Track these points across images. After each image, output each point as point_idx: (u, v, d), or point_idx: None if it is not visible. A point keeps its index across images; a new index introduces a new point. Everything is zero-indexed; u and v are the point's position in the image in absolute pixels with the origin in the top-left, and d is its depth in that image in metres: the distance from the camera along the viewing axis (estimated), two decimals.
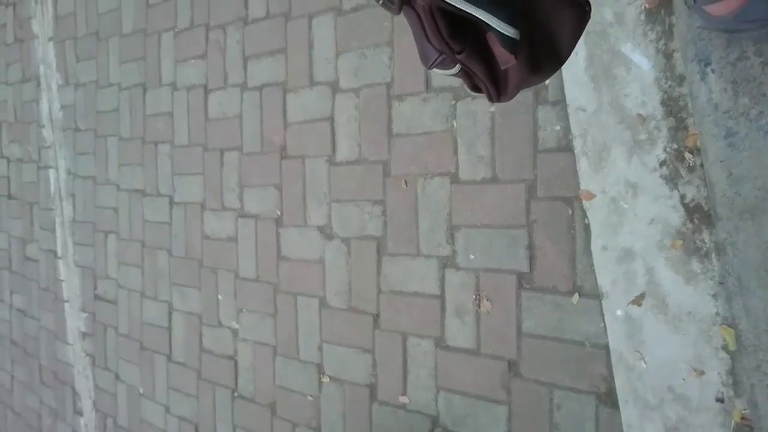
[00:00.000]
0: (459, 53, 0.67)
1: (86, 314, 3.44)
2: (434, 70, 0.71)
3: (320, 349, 2.15)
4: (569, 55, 0.77)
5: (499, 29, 0.65)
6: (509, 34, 0.66)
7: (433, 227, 1.81)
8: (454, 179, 1.76)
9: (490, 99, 0.74)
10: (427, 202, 1.82)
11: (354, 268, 2.03)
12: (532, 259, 1.60)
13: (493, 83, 0.72)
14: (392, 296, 1.92)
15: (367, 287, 1.98)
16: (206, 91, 2.59)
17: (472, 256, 1.72)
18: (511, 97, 0.76)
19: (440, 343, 1.80)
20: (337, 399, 2.10)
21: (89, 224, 3.36)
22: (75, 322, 3.54)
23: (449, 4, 0.65)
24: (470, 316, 1.73)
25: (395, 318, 1.92)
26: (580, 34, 0.76)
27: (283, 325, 2.29)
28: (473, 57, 0.69)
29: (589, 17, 0.76)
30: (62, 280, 3.63)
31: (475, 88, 0.75)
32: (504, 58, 0.68)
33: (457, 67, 0.70)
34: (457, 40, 0.67)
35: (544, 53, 0.73)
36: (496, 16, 0.65)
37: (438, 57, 0.68)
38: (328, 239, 2.10)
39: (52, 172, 3.67)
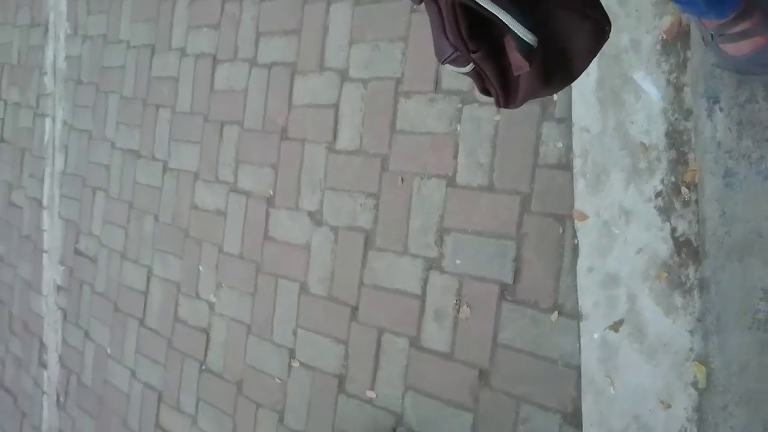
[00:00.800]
0: (474, 53, 0.68)
1: (64, 268, 3.41)
2: (447, 66, 0.71)
3: (295, 333, 2.15)
4: (582, 71, 0.77)
5: (518, 33, 0.65)
6: (528, 40, 0.66)
7: (423, 227, 1.81)
8: (451, 182, 1.76)
9: (498, 104, 0.75)
10: (420, 201, 1.82)
11: (339, 258, 2.03)
12: (517, 271, 1.61)
13: (503, 88, 0.72)
14: (374, 291, 1.92)
15: (350, 278, 1.98)
16: (215, 61, 2.57)
17: (458, 261, 1.72)
18: (519, 106, 0.76)
19: (415, 343, 1.80)
20: (304, 385, 2.10)
21: (79, 178, 3.34)
22: (51, 274, 3.52)
23: (473, 1, 0.65)
24: (448, 320, 1.73)
25: (374, 312, 1.92)
26: (596, 53, 0.77)
27: (260, 305, 2.28)
28: (488, 59, 0.69)
29: (607, 37, 0.76)
30: (44, 231, 3.61)
31: (485, 91, 0.75)
32: (519, 64, 0.68)
33: (470, 67, 0.70)
34: (474, 40, 0.67)
35: (558, 66, 0.73)
36: (517, 20, 0.65)
37: (452, 53, 0.68)
38: (318, 225, 2.10)
39: (48, 121, 3.64)
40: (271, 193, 2.28)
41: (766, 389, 1.18)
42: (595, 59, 0.94)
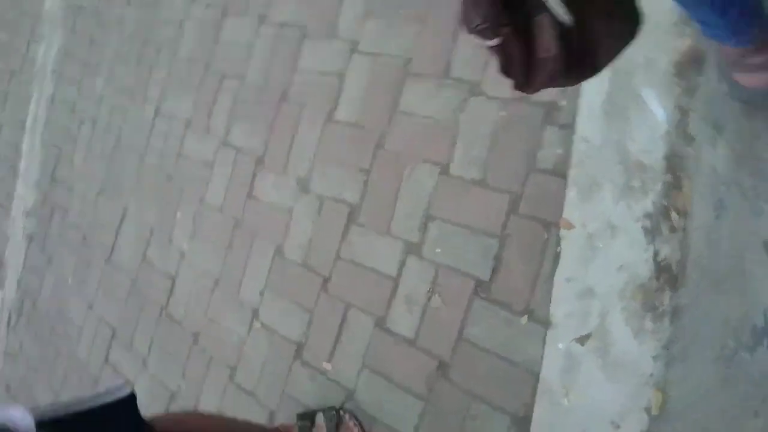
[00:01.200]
0: (506, 25, 0.67)
1: (38, 192, 3.35)
2: (472, 36, 0.70)
3: (262, 294, 2.12)
4: (606, 66, 0.77)
5: (555, 13, 0.65)
6: (563, 20, 0.66)
7: (409, 211, 1.80)
8: (444, 171, 1.75)
9: (515, 86, 0.74)
10: (411, 185, 1.81)
11: (320, 228, 2.00)
12: (495, 270, 1.60)
13: (525, 69, 0.72)
14: (349, 265, 1.90)
15: (327, 249, 1.96)
16: (224, 12, 2.53)
17: (438, 250, 1.71)
18: (535, 91, 0.76)
19: (380, 323, 1.79)
20: (262, 347, 2.08)
21: (68, 105, 3.27)
22: (24, 195, 3.45)
23: None
24: (418, 307, 1.72)
25: (345, 287, 1.90)
26: (624, 50, 0.76)
27: (232, 261, 2.26)
28: (516, 36, 0.69)
29: (635, 37, 0.76)
30: (24, 152, 3.54)
31: (505, 70, 0.74)
32: (547, 45, 0.68)
33: (496, 41, 0.69)
34: (508, 14, 0.66)
35: (585, 56, 0.73)
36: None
37: (481, 23, 0.67)
38: (304, 192, 2.07)
39: (43, 45, 3.56)
40: (262, 153, 2.25)
41: (722, 424, 1.18)
42: (608, 72, 0.93)
